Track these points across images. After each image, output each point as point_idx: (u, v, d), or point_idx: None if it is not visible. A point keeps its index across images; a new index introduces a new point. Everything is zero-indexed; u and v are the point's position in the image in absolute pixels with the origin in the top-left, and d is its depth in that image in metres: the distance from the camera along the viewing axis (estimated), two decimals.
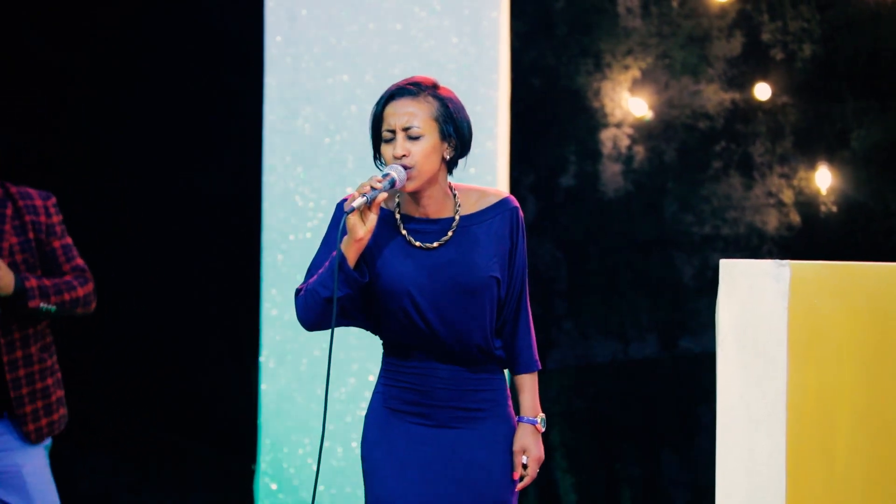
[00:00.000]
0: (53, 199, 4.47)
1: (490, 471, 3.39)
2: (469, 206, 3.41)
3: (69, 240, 4.48)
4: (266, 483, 5.49)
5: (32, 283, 4.27)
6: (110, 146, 6.01)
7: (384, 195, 3.22)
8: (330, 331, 3.30)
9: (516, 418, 3.47)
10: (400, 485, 3.36)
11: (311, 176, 5.51)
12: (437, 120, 3.31)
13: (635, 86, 5.96)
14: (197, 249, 6.10)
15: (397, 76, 5.46)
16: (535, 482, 5.96)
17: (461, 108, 3.36)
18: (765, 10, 5.91)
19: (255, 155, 5.62)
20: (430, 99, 3.32)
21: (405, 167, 3.26)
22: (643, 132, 5.96)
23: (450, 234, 3.36)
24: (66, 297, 4.36)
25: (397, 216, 3.40)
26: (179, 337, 6.11)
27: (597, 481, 5.96)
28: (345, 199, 3.26)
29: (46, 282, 4.32)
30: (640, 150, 5.97)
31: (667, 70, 5.95)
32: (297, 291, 3.37)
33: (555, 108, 5.98)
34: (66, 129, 5.99)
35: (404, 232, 3.37)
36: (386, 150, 3.31)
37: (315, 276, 3.34)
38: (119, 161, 6.01)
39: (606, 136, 5.98)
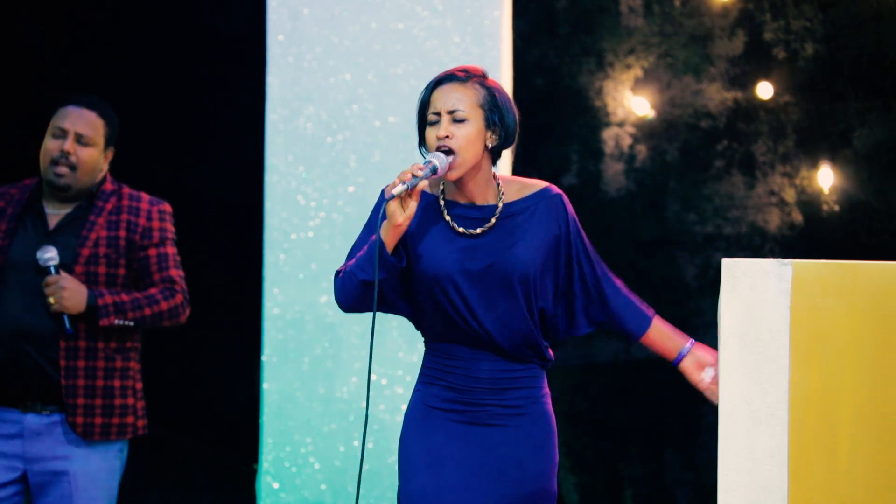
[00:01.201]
0: (164, 206, 4.48)
1: (526, 468, 3.38)
2: (512, 195, 3.41)
3: (170, 250, 4.45)
4: (268, 482, 5.49)
5: (107, 300, 4.24)
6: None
7: (424, 182, 3.22)
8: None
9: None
10: (434, 481, 3.34)
11: (313, 175, 5.51)
12: (482, 107, 3.32)
13: (637, 85, 5.96)
14: (199, 249, 6.10)
15: (399, 76, 5.47)
16: None
17: (508, 100, 3.38)
18: (767, 10, 5.90)
19: (257, 154, 5.63)
20: (478, 87, 3.34)
21: (447, 153, 3.27)
22: (645, 131, 5.96)
23: (493, 220, 3.36)
24: (147, 311, 4.34)
25: (441, 202, 3.40)
26: (182, 336, 6.11)
27: (599, 481, 5.96)
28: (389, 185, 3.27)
29: (125, 297, 4.29)
30: (642, 150, 5.97)
31: (669, 69, 5.95)
32: (337, 273, 3.37)
33: (557, 107, 5.98)
34: None
35: (448, 218, 3.37)
36: (430, 133, 3.32)
37: (353, 260, 3.34)
38: (119, 160, 6.02)
39: (609, 135, 5.98)
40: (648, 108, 5.95)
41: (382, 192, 3.32)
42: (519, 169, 5.76)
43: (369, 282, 3.27)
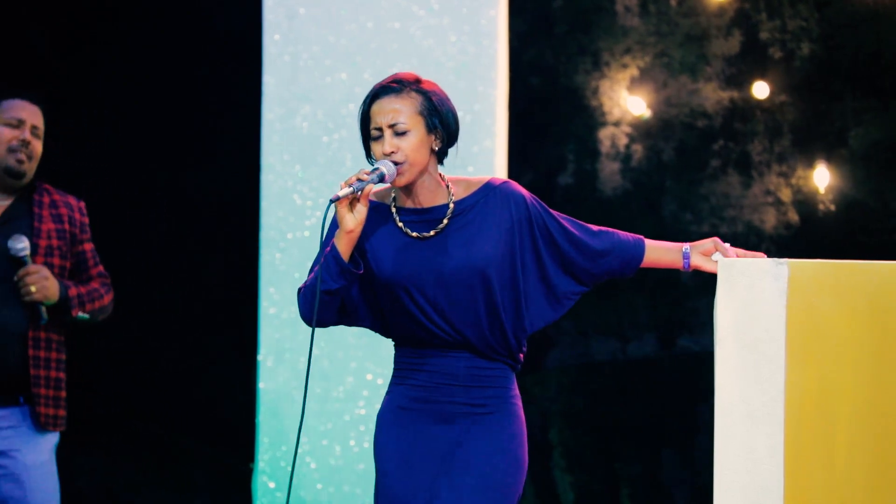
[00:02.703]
0: (82, 203, 4.54)
1: (495, 465, 3.39)
2: (460, 194, 3.43)
3: (93, 244, 4.53)
4: (264, 481, 5.49)
5: (73, 291, 4.32)
6: (108, 145, 6.01)
7: (371, 186, 3.26)
8: (328, 328, 3.32)
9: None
10: (407, 483, 3.38)
11: (310, 174, 5.51)
12: (421, 114, 3.35)
13: (634, 84, 5.96)
14: (195, 248, 6.10)
15: None
16: (533, 481, 5.97)
17: (445, 100, 3.40)
18: (763, 9, 5.91)
19: (254, 153, 5.62)
20: (414, 94, 3.37)
21: (395, 163, 3.30)
22: (641, 131, 5.96)
23: (445, 221, 3.39)
24: (97, 304, 4.42)
25: (393, 209, 3.43)
26: (178, 335, 6.11)
27: (596, 480, 5.97)
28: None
29: (82, 289, 4.37)
30: (638, 149, 5.97)
31: (665, 69, 5.95)
32: (298, 291, 3.40)
33: (553, 106, 5.98)
34: (63, 128, 5.99)
35: (400, 224, 3.40)
36: (375, 147, 3.37)
37: (311, 274, 3.36)
38: (117, 160, 6.01)
39: (605, 134, 5.98)
40: (645, 107, 5.95)
41: (330, 201, 3.33)
42: (515, 168, 5.76)
43: (331, 291, 3.30)
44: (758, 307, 2.79)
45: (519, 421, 3.46)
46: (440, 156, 3.42)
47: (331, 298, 3.32)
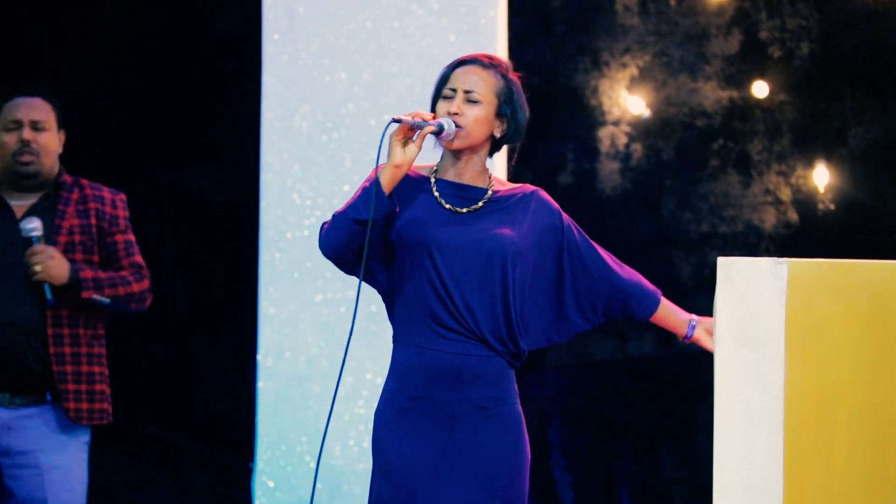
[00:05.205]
0: (123, 196, 4.55)
1: (496, 468, 3.37)
2: (499, 188, 3.45)
3: (132, 237, 4.53)
4: (263, 481, 5.49)
5: (87, 274, 4.31)
6: (107, 144, 6.00)
7: (429, 128, 3.26)
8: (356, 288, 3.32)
9: None
10: (406, 485, 3.34)
11: (309, 174, 5.51)
12: (498, 96, 3.38)
13: (633, 84, 5.96)
14: (194, 247, 6.10)
15: (395, 74, 5.47)
16: (532, 480, 5.95)
17: (523, 98, 3.45)
18: (763, 8, 5.91)
19: (253, 153, 5.62)
20: (499, 76, 3.40)
21: (456, 125, 3.31)
22: (641, 130, 5.96)
23: (480, 203, 3.39)
24: (121, 291, 4.39)
25: (432, 180, 3.42)
26: (177, 335, 6.11)
27: (594, 479, 5.97)
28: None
29: (102, 274, 4.36)
30: (637, 148, 5.97)
31: (664, 68, 5.95)
32: (323, 224, 3.37)
33: (553, 106, 5.97)
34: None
35: (436, 194, 3.39)
36: (441, 106, 3.36)
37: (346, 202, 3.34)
38: (115, 159, 6.01)
39: (604, 134, 5.98)
40: (644, 106, 5.95)
41: (392, 120, 3.30)
42: (515, 168, 5.76)
43: (361, 221, 3.26)
44: (757, 306, 2.79)
45: (521, 421, 3.44)
46: (495, 146, 3.43)
47: (359, 230, 3.27)
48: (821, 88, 5.89)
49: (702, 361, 5.73)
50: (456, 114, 3.32)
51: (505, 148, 3.61)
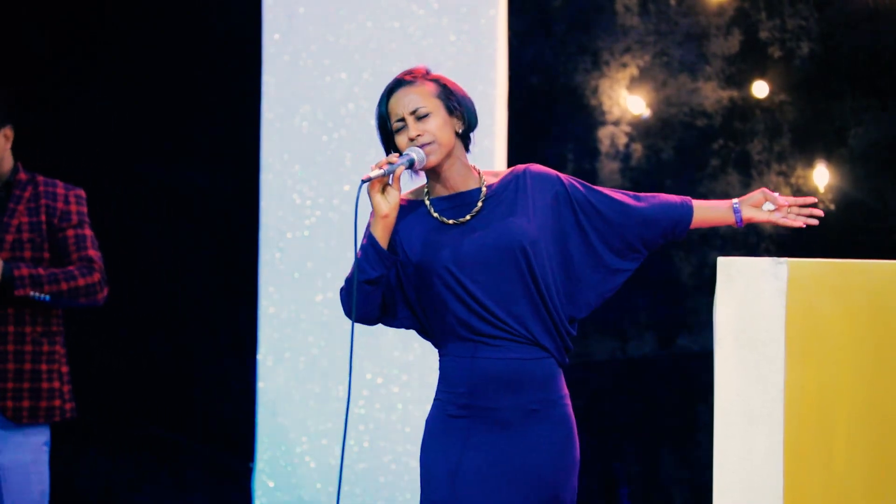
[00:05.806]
0: (79, 192, 4.53)
1: (547, 470, 3.35)
2: (491, 181, 3.42)
3: (87, 231, 4.50)
4: (263, 481, 5.49)
5: (23, 272, 4.29)
6: (107, 143, 6.00)
7: (402, 169, 3.24)
8: (370, 325, 3.39)
9: None
10: (452, 493, 3.31)
11: (309, 174, 5.51)
12: (439, 97, 3.36)
13: (633, 84, 5.96)
14: (194, 247, 6.10)
15: (395, 74, 5.46)
16: None
17: (458, 87, 3.41)
18: (763, 8, 5.91)
19: (253, 153, 5.62)
20: (427, 82, 3.38)
21: (423, 146, 3.30)
22: (641, 130, 5.96)
23: (480, 204, 3.37)
24: (64, 286, 4.36)
25: (427, 202, 3.40)
26: (177, 334, 6.11)
27: (594, 479, 5.97)
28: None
29: (41, 271, 4.34)
30: (637, 148, 5.97)
31: (665, 68, 5.95)
32: (341, 291, 3.36)
33: (553, 106, 5.97)
34: (61, 127, 5.99)
35: (435, 214, 3.37)
36: (400, 139, 3.34)
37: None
38: (116, 158, 6.01)
39: (604, 133, 5.98)
40: (644, 106, 5.95)
41: (362, 181, 3.31)
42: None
43: (371, 281, 3.27)
44: (757, 306, 2.79)
45: (571, 423, 3.42)
46: (464, 141, 3.41)
47: (372, 289, 3.28)
48: (821, 88, 5.88)
49: (702, 361, 5.73)
50: (418, 135, 3.30)
51: (504, 146, 3.60)
